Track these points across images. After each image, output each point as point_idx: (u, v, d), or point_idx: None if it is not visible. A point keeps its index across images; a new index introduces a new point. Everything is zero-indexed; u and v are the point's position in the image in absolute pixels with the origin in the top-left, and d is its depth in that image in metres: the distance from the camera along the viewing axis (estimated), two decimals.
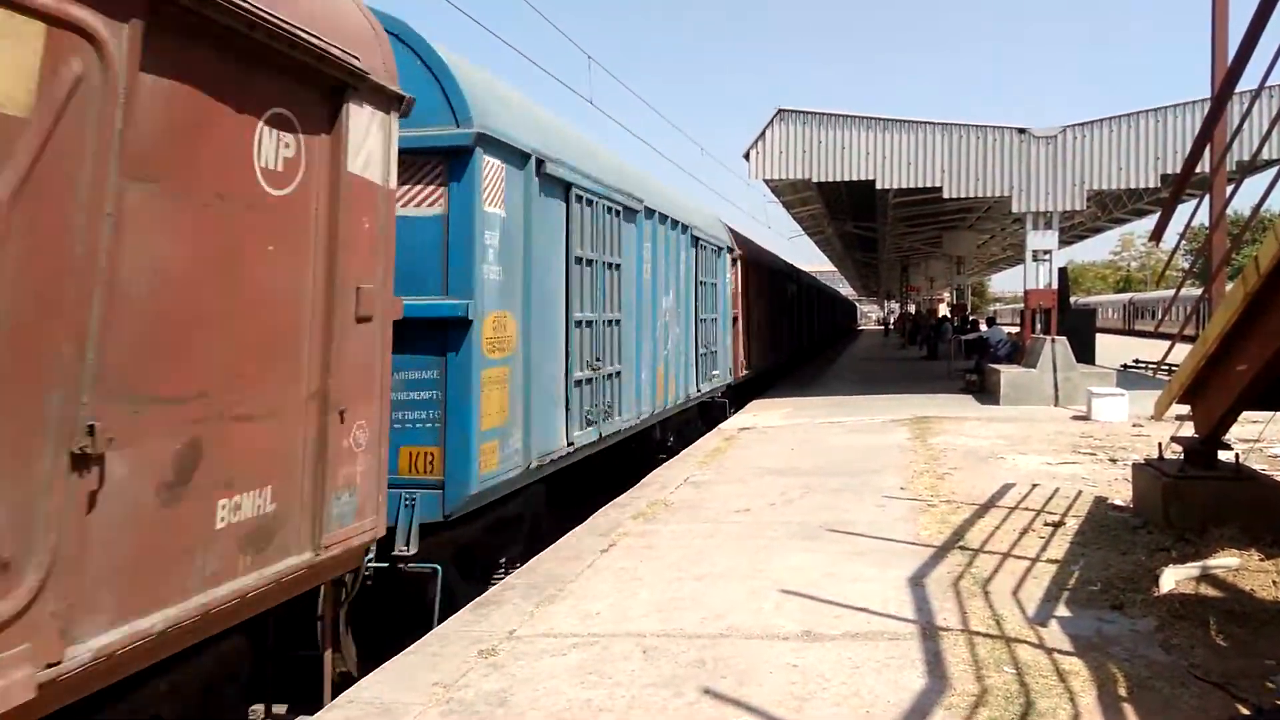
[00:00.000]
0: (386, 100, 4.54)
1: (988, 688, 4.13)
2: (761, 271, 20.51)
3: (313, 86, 3.97)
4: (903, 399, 17.58)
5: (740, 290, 17.47)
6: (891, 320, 61.51)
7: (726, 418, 15.55)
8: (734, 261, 16.72)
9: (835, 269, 60.74)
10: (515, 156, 6.78)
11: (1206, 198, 8.51)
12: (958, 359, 25.47)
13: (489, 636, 4.98)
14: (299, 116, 3.88)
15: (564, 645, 4.82)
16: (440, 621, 5.43)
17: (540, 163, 7.14)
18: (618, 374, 9.26)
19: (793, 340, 25.60)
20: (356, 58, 4.17)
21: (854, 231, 31.97)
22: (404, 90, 4.67)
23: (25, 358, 2.64)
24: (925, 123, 16.74)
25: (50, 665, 2.71)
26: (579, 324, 8.15)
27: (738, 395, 17.51)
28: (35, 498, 2.66)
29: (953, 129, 16.68)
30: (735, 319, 16.88)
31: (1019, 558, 6.30)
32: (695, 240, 13.18)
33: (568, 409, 7.87)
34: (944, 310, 48.74)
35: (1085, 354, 20.20)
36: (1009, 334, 21.78)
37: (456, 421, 6.03)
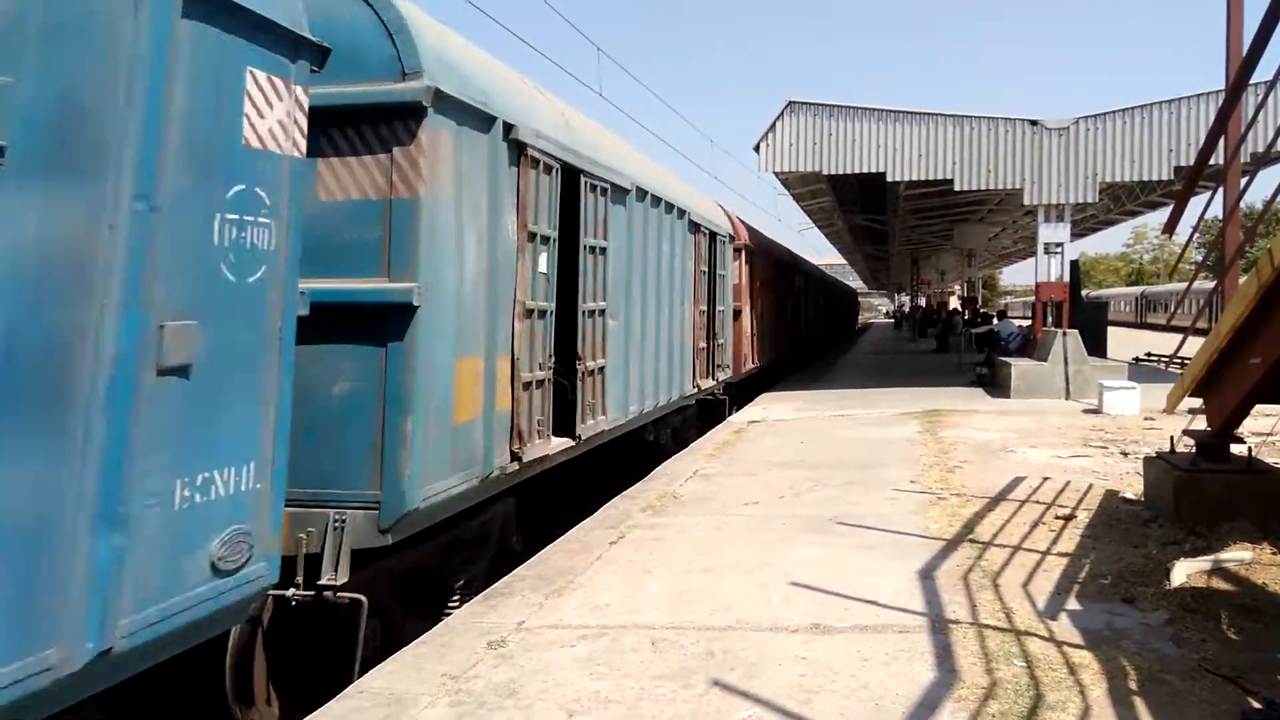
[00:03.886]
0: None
1: (997, 680, 4.13)
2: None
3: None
4: (913, 392, 17.53)
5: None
6: (903, 313, 61.29)
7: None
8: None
9: (845, 262, 60.59)
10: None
11: (1220, 190, 8.45)
12: (968, 352, 25.37)
13: (498, 628, 5.00)
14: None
15: (573, 637, 4.83)
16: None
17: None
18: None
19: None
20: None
21: (864, 224, 31.86)
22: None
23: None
24: (937, 115, 16.66)
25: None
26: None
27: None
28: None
29: (964, 121, 16.59)
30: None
31: (1029, 551, 6.28)
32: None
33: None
34: (954, 303, 48.57)
35: (1097, 347, 20.12)
36: (1020, 327, 21.69)
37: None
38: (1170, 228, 6.33)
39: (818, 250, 47.13)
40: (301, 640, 4.88)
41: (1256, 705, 3.80)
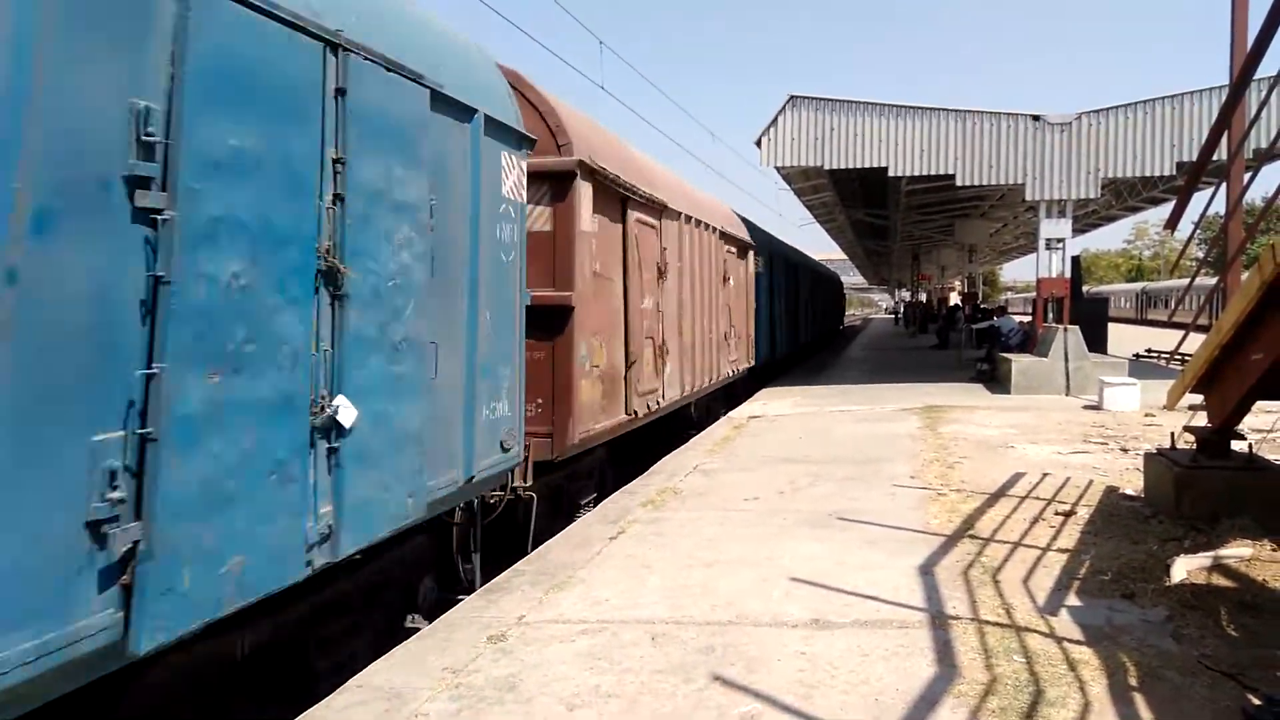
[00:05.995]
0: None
1: (997, 676, 4.13)
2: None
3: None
4: (913, 387, 17.54)
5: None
6: (902, 309, 61.25)
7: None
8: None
9: (846, 256, 60.54)
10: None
11: (1223, 186, 8.43)
12: (969, 348, 25.37)
13: (498, 622, 5.00)
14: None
15: (573, 631, 4.84)
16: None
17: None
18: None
19: None
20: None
21: (865, 219, 31.83)
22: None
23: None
24: (938, 109, 16.62)
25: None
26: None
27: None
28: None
29: (966, 116, 16.55)
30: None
31: (1029, 547, 6.29)
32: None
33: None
34: (955, 299, 48.52)
35: (1097, 343, 20.12)
36: (1020, 323, 21.69)
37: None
38: (1172, 224, 6.31)
39: (816, 243, 47.10)
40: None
41: (1257, 702, 3.80)
